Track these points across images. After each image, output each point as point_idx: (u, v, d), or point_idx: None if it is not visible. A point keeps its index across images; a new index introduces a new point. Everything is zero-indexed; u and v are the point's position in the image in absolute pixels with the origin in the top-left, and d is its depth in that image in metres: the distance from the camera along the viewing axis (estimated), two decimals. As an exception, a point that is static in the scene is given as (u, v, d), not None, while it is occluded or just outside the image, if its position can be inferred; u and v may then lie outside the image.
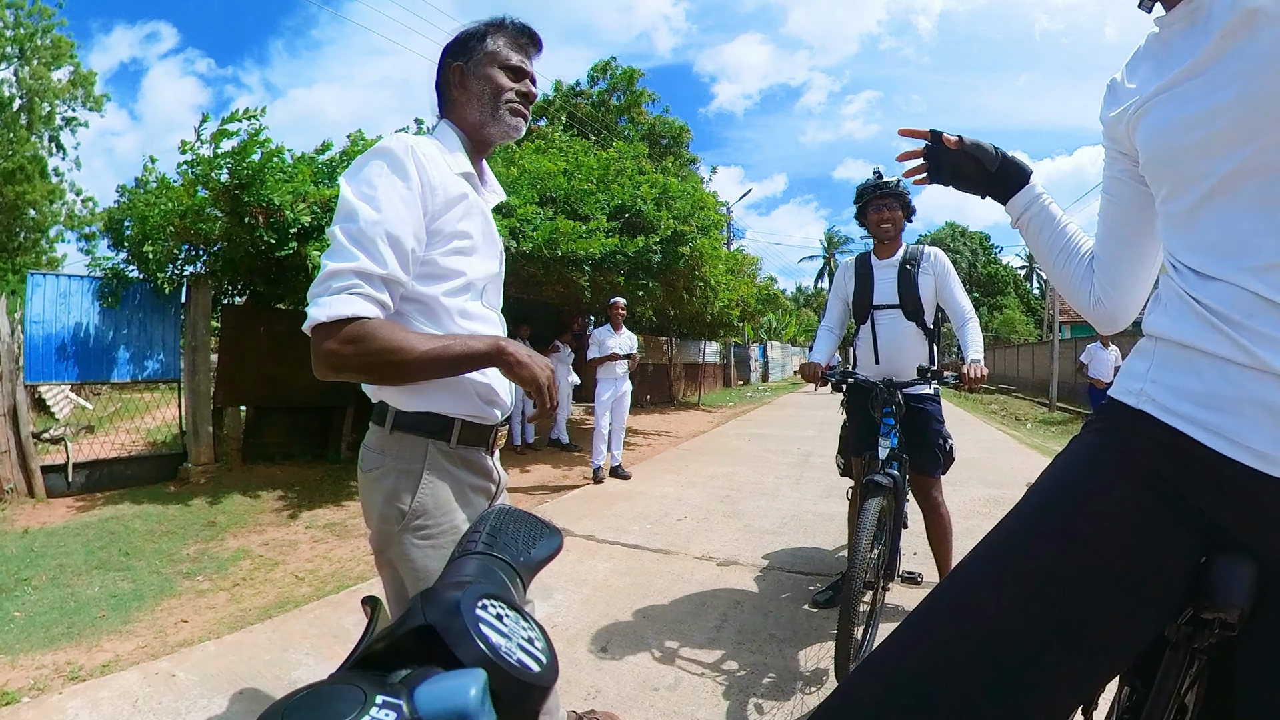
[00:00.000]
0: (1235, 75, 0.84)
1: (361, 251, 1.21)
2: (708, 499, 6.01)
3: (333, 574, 3.96)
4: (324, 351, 1.20)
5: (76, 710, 2.38)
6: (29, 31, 19.48)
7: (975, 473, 6.81)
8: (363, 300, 1.19)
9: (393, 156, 1.28)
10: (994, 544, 0.95)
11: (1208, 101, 0.87)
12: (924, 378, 2.86)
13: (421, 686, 0.38)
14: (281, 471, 6.65)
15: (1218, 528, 0.85)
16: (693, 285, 9.54)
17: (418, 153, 1.29)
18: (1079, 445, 1.02)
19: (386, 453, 1.37)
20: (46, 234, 22.09)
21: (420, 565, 1.32)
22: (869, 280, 3.24)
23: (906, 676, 0.86)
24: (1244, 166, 0.84)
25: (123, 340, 6.33)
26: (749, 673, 2.69)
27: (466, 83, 1.46)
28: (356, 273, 1.20)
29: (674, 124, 26.02)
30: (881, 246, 3.24)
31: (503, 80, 1.45)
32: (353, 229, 1.22)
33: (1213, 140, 0.87)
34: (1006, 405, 20.24)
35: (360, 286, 1.20)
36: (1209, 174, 0.88)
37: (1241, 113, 0.83)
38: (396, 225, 1.24)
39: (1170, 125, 0.93)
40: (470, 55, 1.45)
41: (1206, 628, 0.87)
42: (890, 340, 3.17)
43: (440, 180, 1.32)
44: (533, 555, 0.57)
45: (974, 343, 3.02)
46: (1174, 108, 0.92)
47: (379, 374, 1.27)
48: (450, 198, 1.34)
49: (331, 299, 1.19)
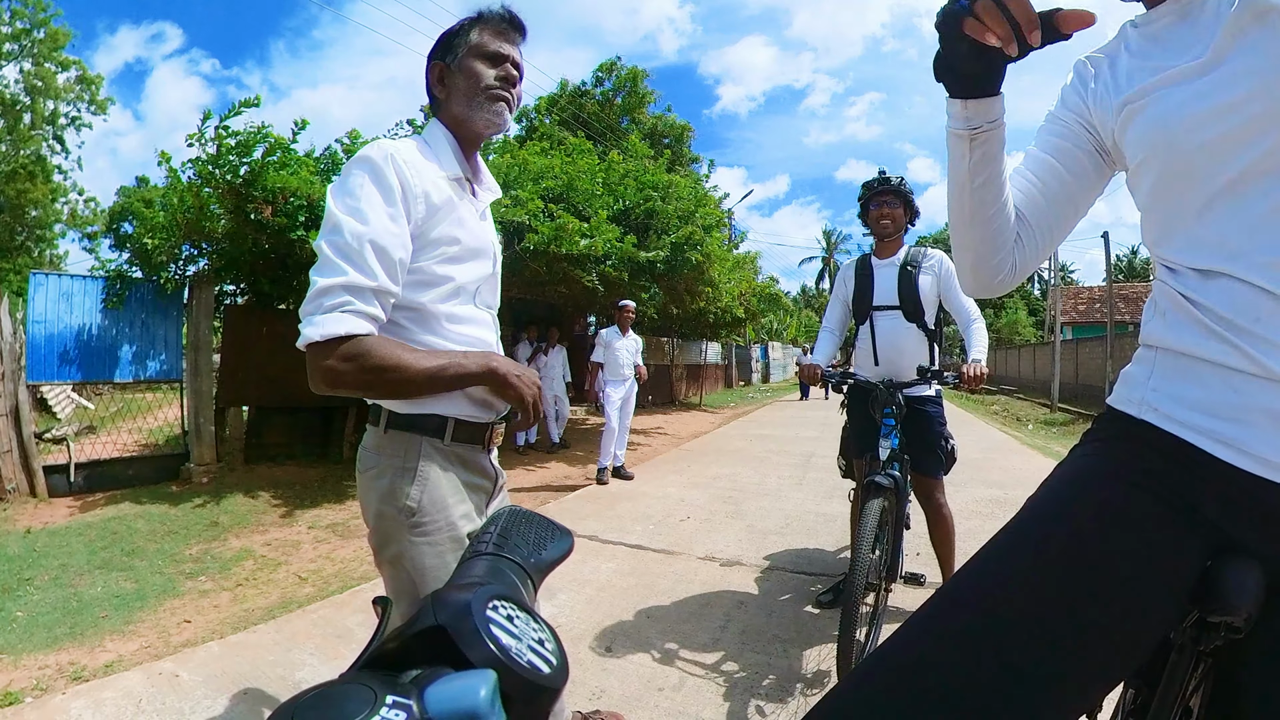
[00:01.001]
0: (1252, 71, 0.82)
1: (350, 265, 1.21)
2: (710, 499, 6.00)
3: (336, 574, 3.96)
4: (321, 369, 1.21)
5: (80, 711, 2.39)
6: (26, 26, 19.47)
7: (977, 474, 6.81)
8: (355, 317, 1.20)
9: (373, 165, 1.27)
10: (999, 550, 0.93)
11: (1220, 98, 0.85)
12: (924, 378, 2.85)
13: (432, 687, 0.38)
14: (284, 471, 6.65)
15: (1224, 533, 0.85)
16: (697, 289, 9.55)
17: (398, 160, 1.28)
18: (1082, 454, 1.01)
19: (382, 452, 1.37)
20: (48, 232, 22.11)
21: (417, 563, 1.32)
22: (869, 281, 3.22)
23: (908, 680, 0.85)
24: (1260, 163, 0.82)
25: (125, 340, 6.34)
26: (752, 673, 2.69)
27: (449, 79, 1.45)
28: (346, 288, 1.20)
29: (676, 124, 26.00)
30: (882, 246, 3.22)
31: (482, 69, 1.42)
32: (339, 242, 1.22)
33: (1229, 137, 0.85)
34: (1008, 406, 20.21)
35: (352, 303, 1.20)
36: (1223, 170, 0.86)
37: (1261, 108, 0.82)
38: (382, 235, 1.23)
39: (1177, 122, 0.90)
40: (453, 52, 1.44)
41: (1212, 631, 0.87)
42: (889, 342, 3.15)
43: (423, 186, 1.31)
44: (543, 557, 0.57)
45: (978, 343, 3.01)
46: (1180, 104, 0.90)
47: (376, 391, 1.28)
48: (436, 203, 1.33)
49: (324, 318, 1.19)
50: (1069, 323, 30.26)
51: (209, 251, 6.53)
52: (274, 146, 5.66)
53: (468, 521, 1.38)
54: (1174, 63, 0.91)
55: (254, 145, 5.59)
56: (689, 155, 26.03)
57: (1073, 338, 26.89)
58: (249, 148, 5.56)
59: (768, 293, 15.48)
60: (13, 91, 19.67)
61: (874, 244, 3.28)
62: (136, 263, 6.52)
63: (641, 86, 25.44)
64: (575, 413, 12.40)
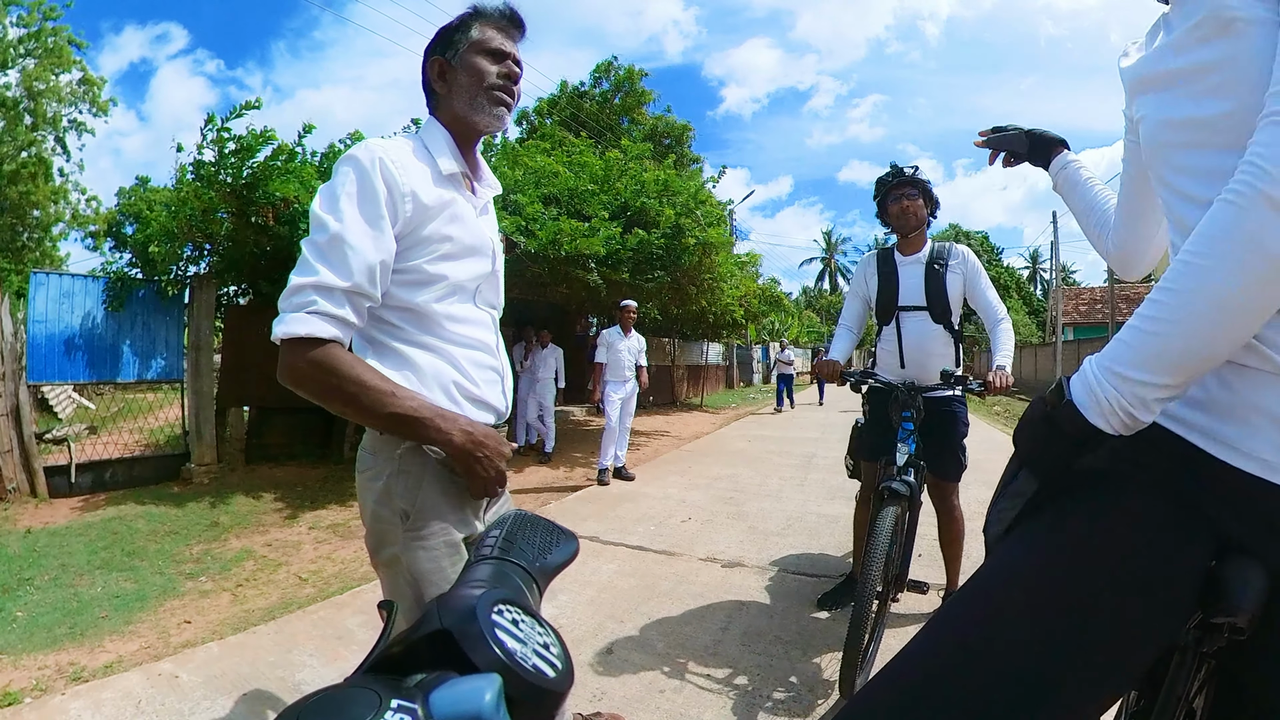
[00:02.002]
0: (1227, 81, 0.84)
1: (324, 265, 1.21)
2: (711, 500, 6.00)
3: (336, 575, 3.96)
4: (287, 365, 1.22)
5: (79, 711, 2.38)
6: (32, 31, 19.46)
7: (978, 475, 6.74)
8: (318, 319, 1.20)
9: (358, 165, 1.27)
10: (1008, 555, 0.93)
11: (1195, 109, 0.88)
12: (948, 383, 2.72)
13: (437, 691, 0.37)
14: (284, 472, 6.66)
15: (1228, 533, 0.84)
16: (700, 279, 9.49)
17: (385, 161, 1.28)
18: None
19: (378, 454, 1.36)
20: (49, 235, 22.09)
21: (413, 567, 1.32)
22: (893, 279, 3.05)
23: (923, 690, 0.84)
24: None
25: (126, 340, 6.34)
26: (754, 675, 2.68)
27: (448, 75, 1.43)
28: (316, 288, 1.20)
29: (675, 124, 26.01)
30: (905, 242, 3.06)
31: (484, 65, 1.41)
32: (319, 240, 1.23)
33: (1211, 142, 0.87)
34: (1009, 407, 20.17)
35: (317, 304, 1.20)
36: (1206, 171, 0.87)
37: (1235, 122, 0.82)
38: (359, 237, 1.23)
39: (1158, 124, 0.95)
40: (452, 48, 1.42)
41: (1215, 632, 0.86)
42: (917, 344, 3.00)
43: (413, 186, 1.30)
44: (548, 561, 0.57)
45: (1005, 347, 2.90)
46: (1163, 108, 0.94)
47: (333, 401, 1.25)
48: (426, 203, 1.32)
49: (291, 316, 1.20)
50: (1070, 323, 30.23)
51: (211, 252, 6.53)
52: (278, 151, 5.66)
53: (464, 526, 1.37)
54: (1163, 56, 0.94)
55: (257, 148, 5.58)
56: (689, 155, 26.04)
57: (1074, 338, 26.87)
58: (252, 151, 5.55)
59: (769, 294, 15.48)
60: (14, 94, 19.65)
61: (896, 240, 3.13)
62: (138, 264, 6.53)
63: (639, 86, 25.46)
64: (574, 414, 12.40)
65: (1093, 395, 0.84)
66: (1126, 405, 0.82)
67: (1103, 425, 0.83)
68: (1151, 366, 0.80)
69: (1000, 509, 0.95)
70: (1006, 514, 0.94)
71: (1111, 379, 0.82)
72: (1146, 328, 0.81)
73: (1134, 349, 0.82)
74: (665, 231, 8.11)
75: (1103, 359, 0.85)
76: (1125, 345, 0.83)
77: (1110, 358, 0.84)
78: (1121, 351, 0.83)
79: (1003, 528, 0.94)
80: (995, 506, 0.96)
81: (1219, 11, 0.81)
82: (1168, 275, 0.82)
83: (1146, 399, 0.81)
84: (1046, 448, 0.90)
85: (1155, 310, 0.80)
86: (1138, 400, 0.81)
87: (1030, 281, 56.14)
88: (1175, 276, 0.79)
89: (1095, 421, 0.83)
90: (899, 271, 3.06)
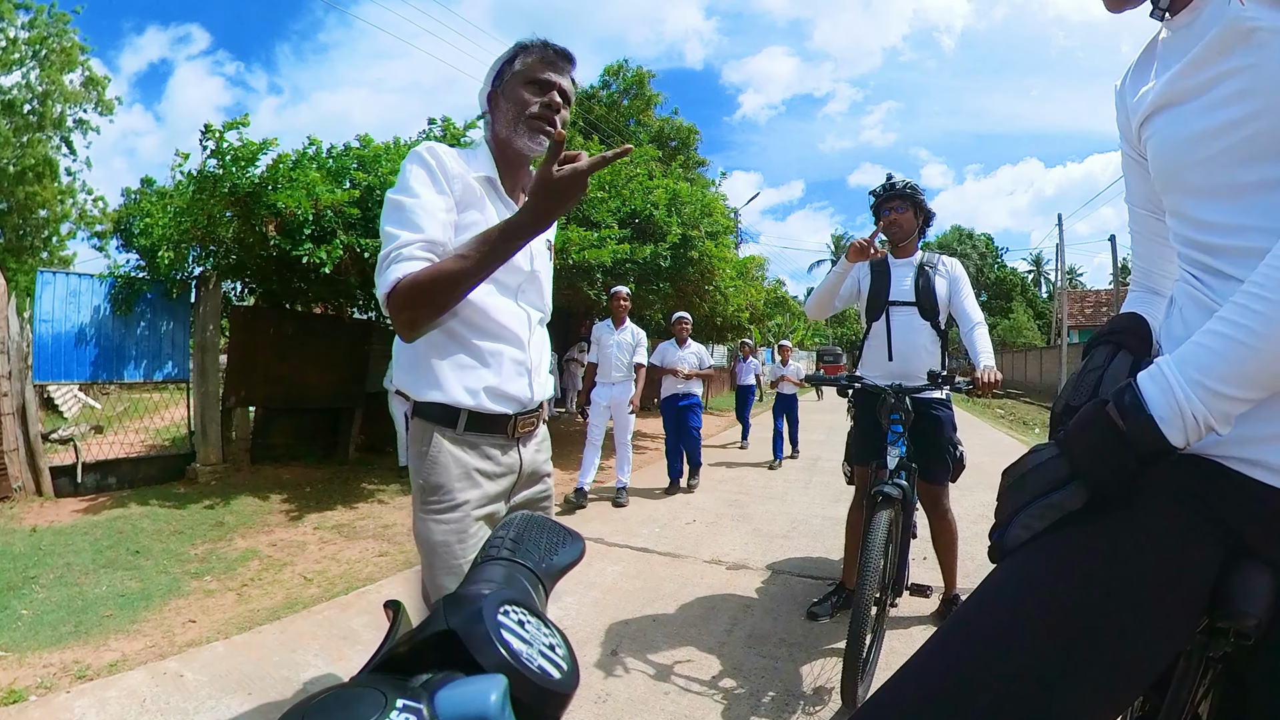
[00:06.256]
0: (1246, 91, 0.82)
1: (401, 230, 1.36)
2: (716, 503, 6.00)
3: (341, 575, 3.96)
4: (397, 317, 1.33)
5: (84, 709, 2.39)
6: (42, 34, 19.53)
7: (983, 478, 6.75)
8: (407, 262, 1.32)
9: (416, 155, 1.46)
10: (1022, 564, 0.91)
11: (1215, 118, 0.85)
12: (935, 383, 2.76)
13: (442, 691, 0.37)
14: (289, 472, 6.67)
15: (1237, 538, 0.84)
16: (704, 291, 9.50)
17: (436, 150, 1.46)
18: None
19: (412, 436, 1.52)
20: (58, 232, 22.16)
21: (421, 535, 1.48)
22: (885, 277, 3.21)
23: (935, 699, 0.84)
24: (1269, 178, 0.82)
25: (132, 340, 6.36)
26: (758, 678, 2.68)
27: (498, 103, 1.58)
28: (400, 247, 1.34)
29: (682, 126, 26.04)
30: (897, 249, 3.22)
31: (526, 95, 1.53)
32: (395, 216, 1.39)
33: (1229, 153, 0.85)
34: (1014, 410, 20.14)
35: (400, 255, 1.33)
36: (1230, 184, 0.85)
37: (1262, 125, 0.81)
38: (427, 202, 1.40)
39: (1176, 140, 0.92)
40: (501, 78, 1.58)
41: (1222, 637, 0.86)
42: (905, 338, 3.13)
43: (456, 170, 1.46)
44: (555, 562, 0.57)
45: (984, 348, 2.98)
46: (1178, 122, 0.91)
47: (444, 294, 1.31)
48: (464, 188, 1.47)
49: (384, 275, 1.32)
50: (1075, 326, 30.20)
51: (216, 253, 6.54)
52: (280, 160, 5.66)
53: (477, 506, 1.49)
54: (1175, 77, 0.91)
55: (256, 158, 5.57)
56: (696, 158, 26.06)
57: (1079, 341, 26.80)
58: (252, 160, 5.54)
59: (775, 296, 15.45)
60: (20, 95, 19.72)
61: (889, 246, 3.25)
62: (144, 267, 6.55)
63: (648, 88, 25.50)
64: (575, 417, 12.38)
65: (1177, 410, 0.76)
66: (1212, 422, 0.75)
67: (1179, 441, 0.77)
68: (1246, 382, 0.73)
69: (1030, 516, 0.87)
70: (1035, 524, 0.87)
71: (1201, 393, 0.75)
72: (1241, 337, 0.73)
73: (1228, 361, 0.74)
74: (672, 244, 8.11)
75: (1187, 369, 0.77)
76: (1216, 356, 0.75)
77: (1198, 368, 0.76)
78: (1213, 363, 0.75)
79: (1029, 535, 0.87)
80: (1024, 513, 0.88)
81: (1237, 23, 0.80)
82: (1261, 279, 0.74)
83: (1230, 415, 0.75)
84: (1111, 462, 0.82)
85: (1249, 319, 0.73)
86: (1224, 416, 0.75)
87: (1035, 285, 56.04)
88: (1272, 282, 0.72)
89: (1172, 437, 0.77)
90: (891, 271, 3.21)
